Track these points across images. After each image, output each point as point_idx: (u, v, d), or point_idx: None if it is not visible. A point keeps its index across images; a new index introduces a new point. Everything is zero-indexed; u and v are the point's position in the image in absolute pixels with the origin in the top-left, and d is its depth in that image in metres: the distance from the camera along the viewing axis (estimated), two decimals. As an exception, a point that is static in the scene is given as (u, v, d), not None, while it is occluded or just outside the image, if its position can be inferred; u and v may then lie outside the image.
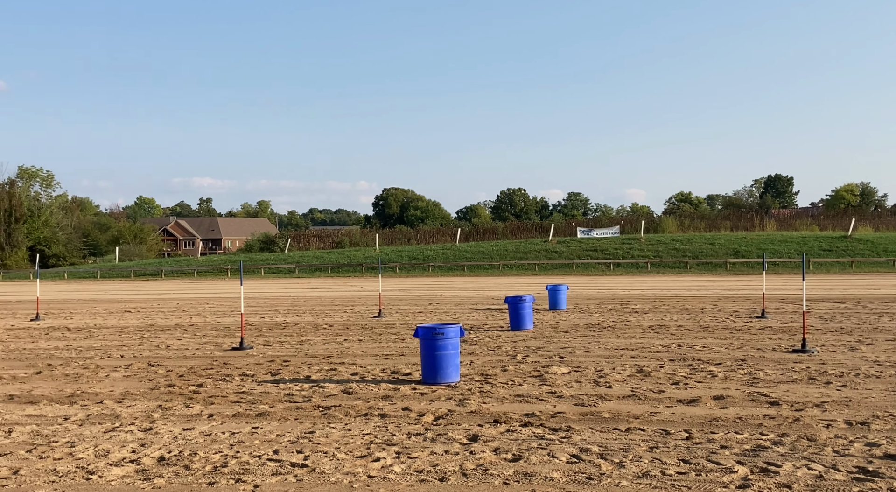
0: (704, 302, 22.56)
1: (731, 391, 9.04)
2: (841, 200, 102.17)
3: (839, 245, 48.13)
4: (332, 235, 66.58)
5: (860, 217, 58.33)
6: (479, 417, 7.98)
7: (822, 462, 6.03)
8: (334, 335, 15.66)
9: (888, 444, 6.54)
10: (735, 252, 47.53)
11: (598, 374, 10.45)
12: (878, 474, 5.68)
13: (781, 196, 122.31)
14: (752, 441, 6.75)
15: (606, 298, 25.07)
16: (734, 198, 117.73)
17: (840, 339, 13.69)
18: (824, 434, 6.92)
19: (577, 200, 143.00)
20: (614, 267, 46.54)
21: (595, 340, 14.15)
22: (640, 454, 6.40)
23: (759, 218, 60.67)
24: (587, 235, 54.90)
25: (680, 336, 14.47)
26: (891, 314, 17.95)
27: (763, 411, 7.98)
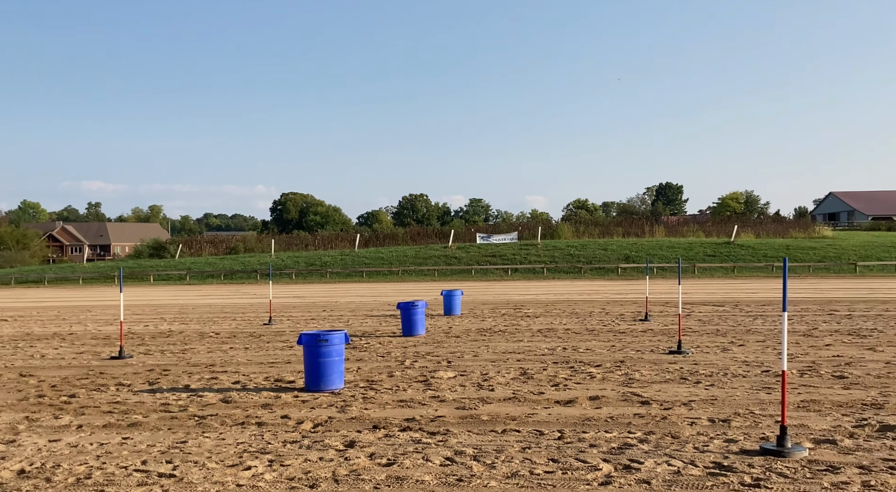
0: (594, 306, 23.13)
1: (607, 392, 9.30)
2: (726, 207, 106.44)
3: (722, 251, 50.08)
4: (226, 240, 65.25)
5: (743, 224, 60.87)
6: (359, 423, 7.98)
7: (681, 458, 6.28)
8: (220, 344, 15.37)
9: (745, 440, 6.85)
10: (626, 257, 48.86)
11: (482, 377, 10.58)
12: (731, 469, 5.95)
13: (672, 203, 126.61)
14: (619, 440, 6.97)
15: (501, 303, 25.40)
16: (628, 205, 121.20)
17: (715, 340, 14.25)
18: (687, 432, 7.20)
19: (478, 207, 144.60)
20: (512, 272, 47.20)
21: (485, 344, 14.32)
22: (513, 455, 6.52)
23: (649, 224, 62.53)
24: (486, 241, 55.55)
25: (566, 339, 14.79)
26: (764, 317, 18.79)
27: (634, 410, 8.24)
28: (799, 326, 16.63)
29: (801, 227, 62.04)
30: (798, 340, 14.04)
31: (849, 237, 61.47)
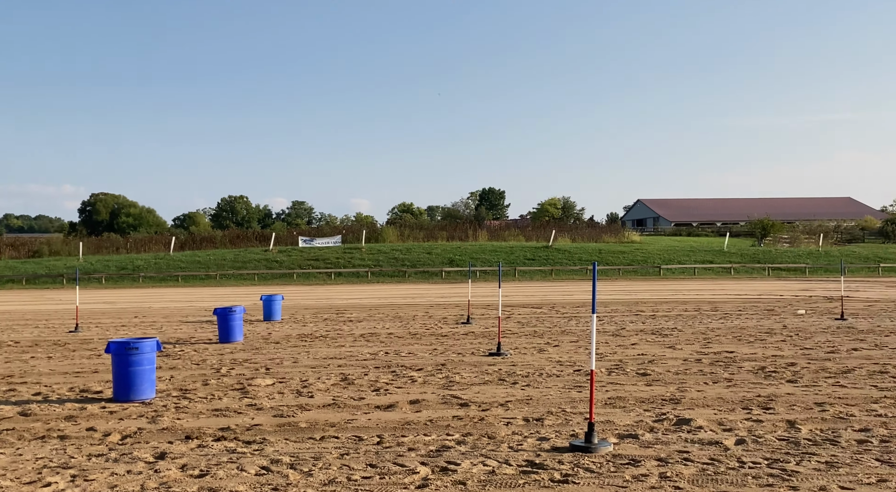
0: (417, 310, 23.37)
1: (428, 395, 9.41)
2: (545, 212, 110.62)
3: (541, 254, 52.01)
4: (28, 243, 60.97)
5: (560, 229, 63.53)
6: (171, 434, 7.66)
7: (496, 458, 6.44)
8: (20, 353, 14.32)
9: (556, 437, 7.13)
10: (450, 261, 49.77)
11: (302, 384, 10.43)
12: (542, 466, 6.16)
13: (494, 208, 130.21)
14: (438, 442, 7.06)
15: (323, 307, 25.19)
16: (452, 209, 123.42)
17: (532, 342, 14.77)
18: (503, 432, 7.41)
19: (301, 209, 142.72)
20: (335, 276, 46.94)
21: (305, 350, 14.14)
22: (331, 462, 6.46)
23: (473, 229, 64.04)
24: (309, 245, 54.94)
25: (389, 344, 14.85)
26: (578, 318, 19.67)
27: (453, 412, 8.38)
28: (609, 326, 17.51)
29: (613, 232, 65.52)
30: (607, 340, 14.79)
31: (654, 242, 65.53)
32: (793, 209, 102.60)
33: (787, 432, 7.18)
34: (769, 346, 13.82)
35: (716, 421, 7.68)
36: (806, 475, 5.78)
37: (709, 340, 14.80)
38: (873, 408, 8.25)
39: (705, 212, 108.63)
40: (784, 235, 70.56)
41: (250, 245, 58.56)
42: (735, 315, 20.21)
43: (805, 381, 10.07)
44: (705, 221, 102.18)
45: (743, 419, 7.76)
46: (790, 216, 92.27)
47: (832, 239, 71.32)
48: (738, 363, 11.68)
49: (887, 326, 16.98)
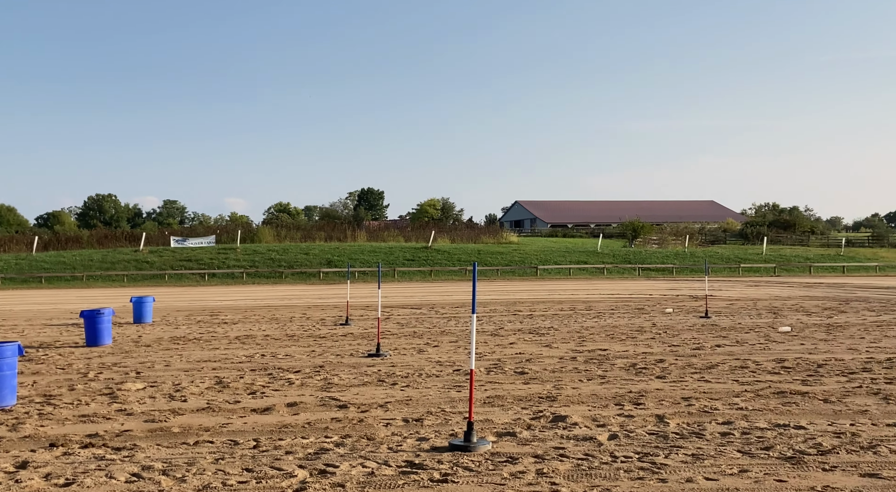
0: (295, 311, 23.04)
1: (306, 397, 9.28)
2: (425, 213, 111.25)
3: (421, 255, 52.23)
4: None
5: (440, 230, 64.00)
6: (34, 441, 7.27)
7: (376, 459, 6.41)
8: None
9: (436, 437, 7.16)
10: (328, 262, 49.34)
11: (175, 388, 10.10)
12: (422, 467, 6.18)
13: (373, 209, 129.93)
14: (316, 445, 6.97)
15: (197, 309, 24.49)
16: (330, 209, 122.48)
17: (412, 342, 14.80)
18: (383, 433, 7.38)
19: (173, 209, 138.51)
20: (209, 277, 45.75)
21: (178, 353, 13.70)
22: (205, 467, 6.27)
23: (352, 229, 63.70)
24: (182, 245, 53.34)
25: (265, 346, 14.57)
26: (458, 318, 19.84)
27: (332, 414, 8.29)
28: (487, 326, 17.75)
29: (491, 233, 66.48)
30: (486, 340, 14.98)
31: (531, 243, 66.91)
32: (661, 212, 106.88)
33: (656, 427, 7.45)
34: (640, 343, 14.32)
35: (590, 417, 7.89)
36: (674, 468, 6.01)
37: (583, 338, 15.20)
38: (735, 401, 8.66)
39: (580, 214, 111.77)
40: (653, 236, 73.41)
41: (119, 245, 56.33)
42: (608, 314, 20.85)
43: (673, 377, 10.48)
44: (580, 222, 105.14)
45: (615, 415, 8.01)
46: (659, 218, 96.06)
47: (697, 240, 74.70)
48: (611, 361, 12.04)
49: (747, 324, 17.88)
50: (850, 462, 6.10)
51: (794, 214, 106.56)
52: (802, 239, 78.50)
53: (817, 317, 19.54)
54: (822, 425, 7.41)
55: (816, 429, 7.26)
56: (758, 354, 12.74)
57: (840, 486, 5.51)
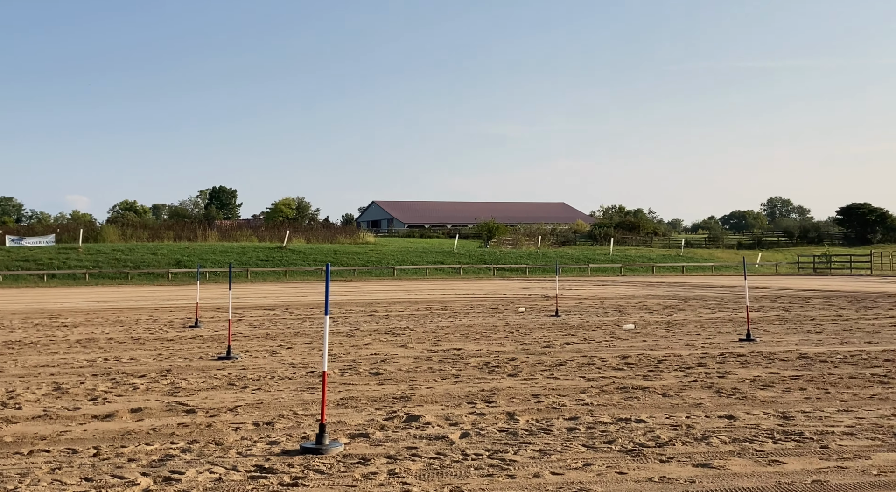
0: (141, 313, 22.16)
1: (151, 403, 8.92)
2: (279, 213, 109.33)
3: (275, 255, 51.35)
4: None
5: (295, 230, 63.11)
6: None
7: (223, 465, 6.24)
8: None
9: (287, 440, 7.04)
10: (178, 262, 47.73)
11: (8, 395, 9.49)
12: (272, 471, 6.06)
13: (226, 208, 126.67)
14: (161, 451, 6.71)
15: (35, 311, 23.15)
16: (180, 208, 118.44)
17: (264, 344, 14.51)
18: (232, 437, 7.19)
19: (8, 206, 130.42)
20: (49, 278, 43.34)
21: (13, 358, 12.89)
22: (40, 478, 5.92)
23: (203, 229, 61.84)
24: (18, 244, 50.26)
25: (109, 350, 13.93)
26: (312, 320, 19.63)
27: (179, 419, 8.01)
28: (343, 327, 17.65)
29: (348, 233, 66.15)
30: (341, 341, 14.88)
31: (388, 243, 67.03)
32: (515, 213, 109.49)
33: (507, 424, 7.61)
34: (493, 342, 14.61)
35: (443, 416, 7.97)
36: (522, 464, 6.15)
37: (439, 338, 15.36)
38: (581, 397, 8.97)
39: (437, 214, 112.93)
40: (508, 237, 75.09)
41: (-53, 244, 52.50)
42: (463, 314, 21.16)
43: (524, 374, 10.74)
44: (437, 223, 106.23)
45: (468, 413, 8.12)
46: (513, 219, 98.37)
47: (549, 241, 76.96)
48: (465, 360, 12.22)
49: (594, 322, 18.57)
50: (685, 453, 6.43)
51: (639, 216, 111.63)
52: (646, 240, 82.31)
53: (658, 315, 20.53)
54: (660, 419, 7.78)
55: (655, 422, 7.61)
56: (604, 350, 13.24)
57: (675, 476, 5.80)
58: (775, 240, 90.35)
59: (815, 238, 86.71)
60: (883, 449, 6.49)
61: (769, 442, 6.76)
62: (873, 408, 8.20)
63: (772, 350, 13.06)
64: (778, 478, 5.72)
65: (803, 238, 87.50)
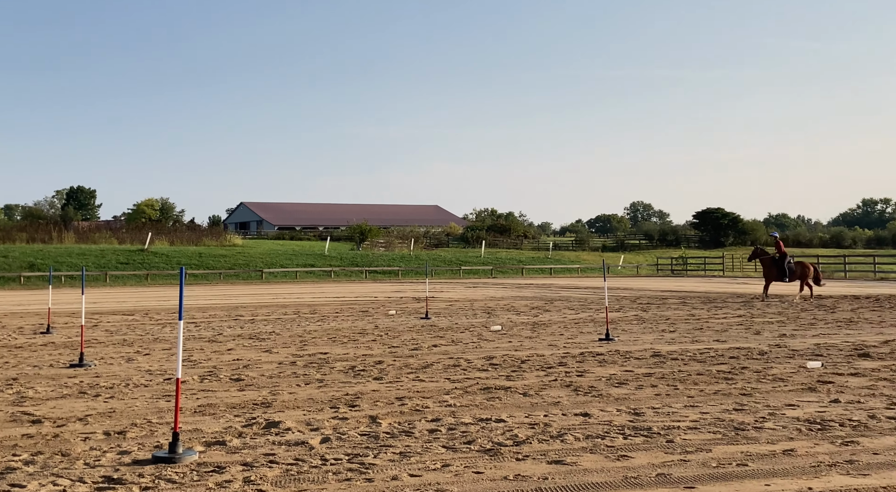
0: (-12, 319, 20.90)
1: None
2: (142, 214, 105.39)
3: (136, 258, 49.51)
4: None
5: (158, 231, 61.03)
6: None
7: (69, 476, 5.96)
8: None
9: (139, 450, 6.79)
10: (31, 265, 45.33)
11: None
12: (121, 481, 5.83)
13: (84, 208, 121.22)
14: (2, 464, 6.34)
15: None
16: (34, 208, 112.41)
17: (121, 351, 13.96)
18: (80, 448, 6.88)
19: None
20: None
21: None
22: None
23: (58, 230, 58.93)
24: None
25: (-51, 358, 13.07)
26: (173, 325, 19.01)
27: (23, 430, 7.60)
28: (206, 332, 17.18)
29: (215, 235, 64.54)
30: (203, 346, 14.49)
31: (257, 245, 65.78)
32: (388, 215, 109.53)
33: (368, 428, 7.59)
34: (361, 346, 14.55)
35: (304, 422, 7.88)
36: (382, 467, 6.16)
37: (305, 342, 15.18)
38: (445, 399, 9.06)
39: (309, 216, 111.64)
40: (380, 239, 75.06)
41: None
42: (332, 317, 20.99)
43: (390, 377, 10.75)
44: (308, 225, 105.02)
45: (330, 418, 8.06)
46: (386, 222, 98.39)
47: (422, 244, 77.45)
48: (331, 364, 12.12)
49: (463, 324, 18.80)
50: (541, 451, 6.59)
51: (510, 219, 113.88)
52: (517, 243, 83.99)
53: (525, 316, 20.98)
54: (519, 418, 7.95)
55: (515, 421, 7.78)
56: (470, 352, 13.42)
57: (529, 474, 5.94)
58: (637, 243, 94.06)
59: (673, 241, 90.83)
60: (723, 442, 6.86)
61: (620, 438, 7.03)
62: (717, 403, 8.65)
63: (628, 349, 13.58)
64: (625, 472, 5.95)
65: (663, 241, 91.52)
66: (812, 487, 5.55)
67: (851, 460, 6.23)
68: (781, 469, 5.99)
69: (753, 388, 9.58)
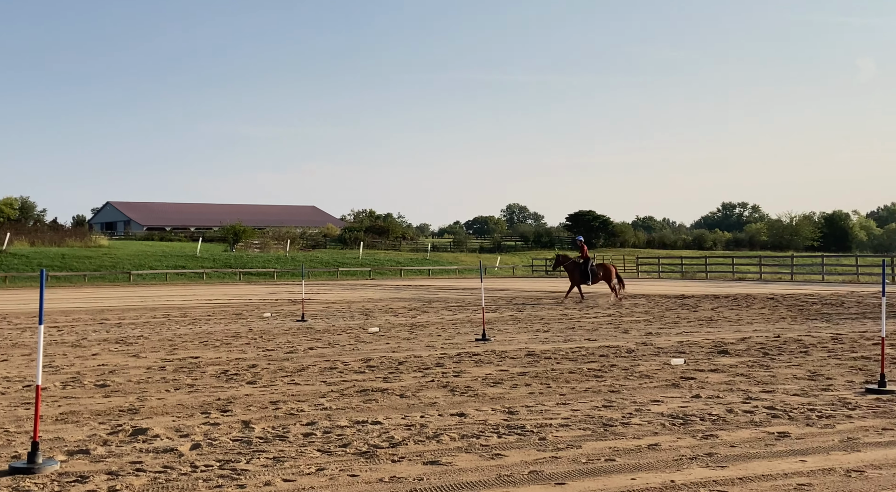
0: None
1: None
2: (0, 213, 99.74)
3: (-6, 259, 46.86)
4: None
5: (17, 232, 57.98)
6: None
7: (-86, 495, 5.59)
8: None
9: (-6, 462, 6.43)
10: None
11: None
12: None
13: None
14: None
15: None
16: None
17: (-25, 357, 13.17)
18: (-73, 463, 6.45)
19: None
20: None
21: None
22: None
23: None
24: None
25: None
26: (34, 329, 18.08)
27: None
28: (69, 336, 16.44)
29: (79, 235, 61.87)
30: (66, 352, 13.85)
31: (125, 246, 63.44)
32: (264, 216, 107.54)
33: (241, 433, 7.44)
34: (234, 349, 14.24)
35: (173, 428, 7.64)
36: (254, 472, 6.04)
37: (175, 346, 14.73)
38: (321, 402, 8.97)
39: (179, 216, 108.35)
40: (255, 240, 73.69)
41: None
42: (204, 320, 20.45)
43: (264, 381, 10.56)
44: (179, 225, 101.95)
45: (201, 424, 7.85)
46: (261, 223, 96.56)
47: (299, 245, 76.53)
48: (203, 368, 11.81)
49: (340, 326, 18.67)
50: (417, 452, 6.63)
51: (389, 220, 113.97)
52: (395, 244, 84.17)
53: (403, 317, 21.03)
54: (396, 419, 7.96)
55: (391, 423, 7.78)
56: (347, 354, 13.34)
57: (405, 475, 5.96)
58: (513, 244, 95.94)
59: (547, 242, 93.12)
60: (593, 438, 7.07)
61: (494, 437, 7.15)
62: (587, 400, 8.92)
63: (504, 349, 13.82)
64: (499, 471, 6.05)
65: (538, 242, 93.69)
66: (675, 480, 5.79)
67: (711, 452, 6.54)
68: (646, 463, 6.23)
69: (621, 385, 9.93)
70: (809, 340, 14.50)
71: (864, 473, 5.91)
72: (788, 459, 6.33)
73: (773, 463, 6.20)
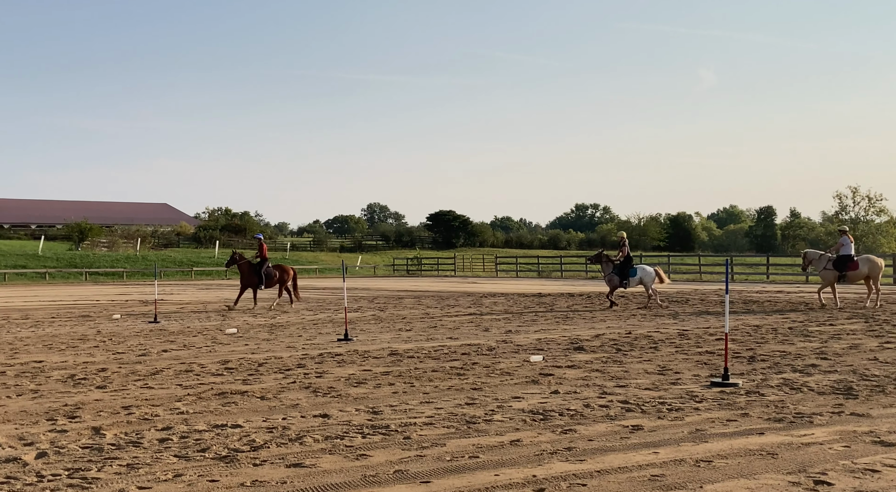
0: None
1: None
2: None
3: None
4: None
5: None
6: None
7: None
8: None
9: None
10: None
11: None
12: None
13: None
14: None
15: None
16: None
17: None
18: None
19: None
20: None
21: None
22: None
23: None
24: None
25: None
26: None
27: None
28: None
29: None
30: None
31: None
32: (111, 214, 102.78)
33: (91, 440, 7.07)
34: (81, 352, 13.55)
35: (16, 436, 7.18)
36: (106, 481, 5.76)
37: (16, 350, 13.88)
38: (177, 406, 8.65)
39: (18, 213, 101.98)
40: (103, 239, 70.45)
41: None
42: (48, 323, 19.37)
43: (115, 385, 10.10)
44: (18, 222, 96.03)
45: (47, 431, 7.41)
46: (109, 220, 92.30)
47: (150, 244, 73.67)
48: (47, 373, 11.17)
49: (196, 327, 18.09)
50: (279, 455, 6.49)
51: (246, 219, 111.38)
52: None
53: (262, 318, 20.60)
54: (257, 422, 7.77)
55: (252, 426, 7.59)
56: (204, 356, 12.93)
57: (268, 478, 5.83)
58: (374, 244, 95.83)
59: (408, 242, 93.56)
60: (456, 436, 7.14)
61: (359, 437, 7.09)
62: (450, 398, 9.00)
63: (367, 348, 13.76)
64: (364, 471, 6.01)
65: (399, 242, 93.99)
66: (536, 474, 5.92)
67: (570, 447, 6.73)
68: (509, 459, 6.34)
69: (483, 382, 10.08)
70: (658, 336, 15.18)
71: (711, 462, 6.23)
72: (642, 451, 6.59)
73: (629, 455, 6.45)
